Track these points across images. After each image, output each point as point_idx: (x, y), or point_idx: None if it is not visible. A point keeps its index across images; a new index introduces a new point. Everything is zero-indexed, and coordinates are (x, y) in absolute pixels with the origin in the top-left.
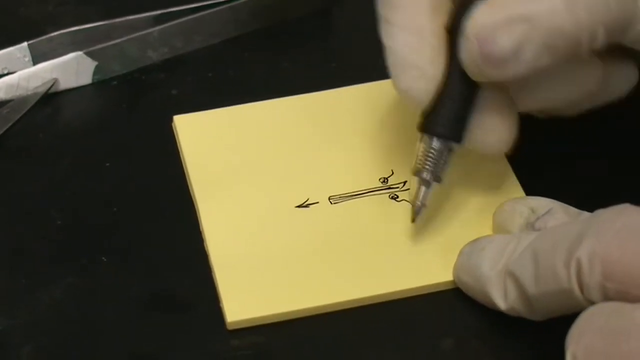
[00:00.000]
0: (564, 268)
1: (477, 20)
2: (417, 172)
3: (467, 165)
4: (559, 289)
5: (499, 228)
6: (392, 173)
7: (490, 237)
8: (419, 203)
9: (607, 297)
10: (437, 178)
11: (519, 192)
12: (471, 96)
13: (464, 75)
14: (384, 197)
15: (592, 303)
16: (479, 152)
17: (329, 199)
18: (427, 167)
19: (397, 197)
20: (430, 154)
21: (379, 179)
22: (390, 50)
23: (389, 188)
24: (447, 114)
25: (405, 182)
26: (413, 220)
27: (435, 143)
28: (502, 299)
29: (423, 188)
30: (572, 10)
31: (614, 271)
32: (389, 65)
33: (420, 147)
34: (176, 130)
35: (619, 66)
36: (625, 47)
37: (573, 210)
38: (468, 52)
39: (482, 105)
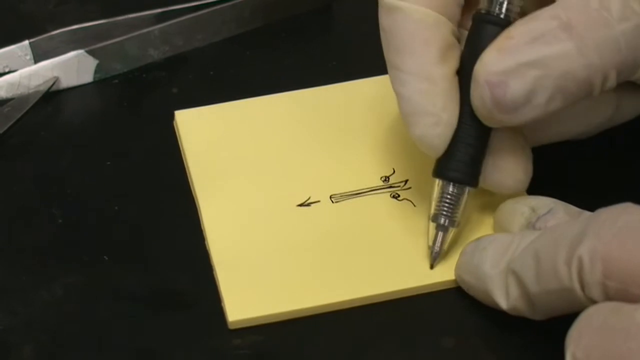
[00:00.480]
0: (565, 266)
1: (488, 65)
2: (434, 218)
3: None
4: (560, 287)
5: (500, 228)
6: (394, 172)
7: (492, 236)
8: (436, 249)
9: (607, 296)
10: (453, 223)
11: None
12: (484, 139)
13: (476, 118)
14: (385, 196)
15: (593, 302)
16: (495, 192)
17: (331, 197)
18: (443, 212)
19: (399, 196)
20: (446, 199)
21: (381, 178)
22: (402, 98)
23: (391, 187)
24: (462, 159)
25: (406, 181)
26: (432, 267)
27: (451, 188)
28: (503, 298)
29: (440, 233)
30: (584, 54)
31: (614, 270)
32: (401, 112)
33: (435, 192)
34: (177, 126)
35: (630, 92)
36: None
37: (574, 209)
38: (479, 98)
39: (496, 147)
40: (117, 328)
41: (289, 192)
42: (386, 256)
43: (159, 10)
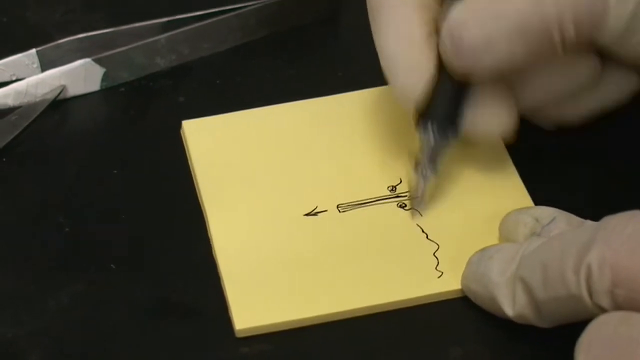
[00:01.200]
0: (574, 274)
1: (451, 15)
2: (416, 167)
3: (475, 174)
4: (568, 294)
5: (505, 238)
6: (400, 181)
7: (498, 245)
8: (418, 196)
9: (616, 304)
10: (435, 172)
11: (527, 200)
12: (464, 89)
13: None
14: (393, 205)
15: (601, 309)
16: (480, 140)
17: (338, 207)
18: (425, 161)
19: (406, 205)
20: (428, 148)
21: (388, 188)
22: (383, 54)
23: (398, 196)
24: (442, 109)
25: None
26: (412, 210)
27: (432, 137)
28: (510, 305)
29: (422, 181)
30: (539, 3)
31: (623, 278)
32: (383, 68)
33: (418, 142)
34: (184, 136)
35: (619, 70)
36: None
37: (575, 219)
38: (442, 47)
39: (477, 96)
40: (123, 337)
41: (296, 202)
42: (393, 265)
43: (165, 19)
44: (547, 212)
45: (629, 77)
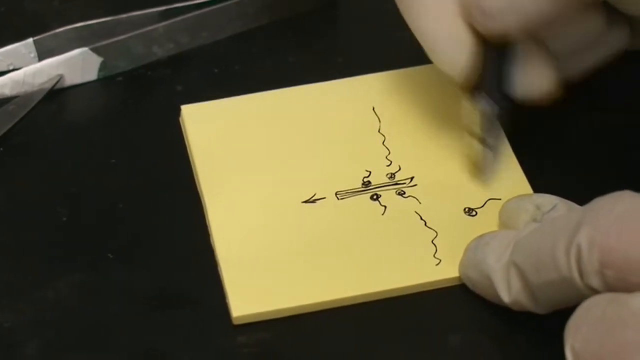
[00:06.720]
0: (564, 256)
1: None
2: (479, 140)
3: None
4: (560, 277)
5: (505, 225)
6: (399, 169)
7: (494, 232)
8: (488, 167)
9: (606, 284)
10: (497, 140)
11: (527, 189)
12: (507, 55)
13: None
14: (391, 192)
15: (593, 290)
16: (531, 101)
17: (336, 194)
18: (486, 132)
19: (404, 193)
20: (485, 119)
21: (386, 175)
22: (420, 30)
23: (396, 184)
24: (490, 77)
25: (412, 178)
26: (478, 175)
27: (488, 107)
28: (506, 291)
29: (489, 152)
30: None
31: (611, 259)
32: (422, 44)
33: (475, 115)
34: (183, 121)
35: (617, 24)
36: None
37: (576, 207)
38: (469, 13)
39: (520, 59)
40: (121, 326)
41: (294, 189)
42: (391, 252)
43: (164, 7)
44: (548, 200)
45: (624, 31)
